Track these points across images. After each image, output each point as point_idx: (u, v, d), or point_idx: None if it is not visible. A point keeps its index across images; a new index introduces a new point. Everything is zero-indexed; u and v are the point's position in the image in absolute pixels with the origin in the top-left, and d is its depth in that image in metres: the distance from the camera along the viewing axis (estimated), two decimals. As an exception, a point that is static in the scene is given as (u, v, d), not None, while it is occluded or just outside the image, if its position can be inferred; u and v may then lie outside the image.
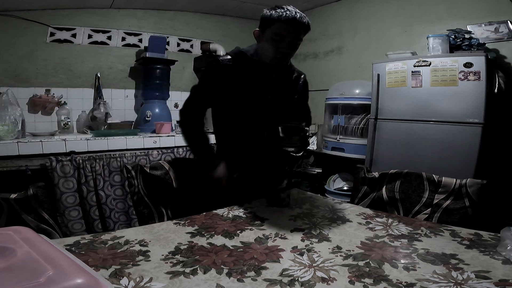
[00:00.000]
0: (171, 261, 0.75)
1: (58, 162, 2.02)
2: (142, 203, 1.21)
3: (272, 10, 1.15)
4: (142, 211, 1.20)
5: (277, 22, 1.13)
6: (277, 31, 1.13)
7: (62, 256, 0.53)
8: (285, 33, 1.13)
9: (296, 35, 1.16)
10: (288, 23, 1.12)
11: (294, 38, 1.16)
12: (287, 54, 1.20)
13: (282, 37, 1.14)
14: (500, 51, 2.14)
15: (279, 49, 1.16)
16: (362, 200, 1.39)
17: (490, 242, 0.87)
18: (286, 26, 1.13)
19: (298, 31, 1.16)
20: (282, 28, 1.13)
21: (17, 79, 2.53)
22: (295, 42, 1.18)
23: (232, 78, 1.21)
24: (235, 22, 3.64)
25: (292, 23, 1.13)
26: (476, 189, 1.17)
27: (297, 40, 1.18)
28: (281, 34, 1.13)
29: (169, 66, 3.00)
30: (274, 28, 1.14)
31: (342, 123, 2.65)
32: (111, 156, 2.21)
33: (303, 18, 1.15)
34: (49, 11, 2.61)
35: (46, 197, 1.04)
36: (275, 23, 1.13)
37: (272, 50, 1.16)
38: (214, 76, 1.22)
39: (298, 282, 0.66)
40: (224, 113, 1.29)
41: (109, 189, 2.20)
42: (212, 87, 1.24)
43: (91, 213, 2.13)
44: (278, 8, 1.14)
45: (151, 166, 1.29)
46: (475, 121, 1.85)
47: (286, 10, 1.13)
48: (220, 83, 1.22)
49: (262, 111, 1.27)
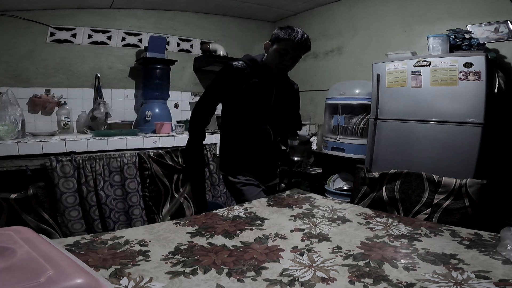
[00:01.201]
0: (171, 261, 0.75)
1: (58, 162, 2.02)
2: (153, 183, 1.45)
3: (284, 29, 1.37)
4: (153, 189, 1.44)
5: (286, 40, 1.35)
6: (284, 46, 1.37)
7: (62, 256, 0.53)
8: (290, 49, 1.37)
9: (298, 52, 1.39)
10: (294, 42, 1.35)
11: (296, 55, 1.40)
12: (288, 66, 1.43)
13: (286, 52, 1.37)
14: (500, 51, 2.14)
15: (283, 62, 1.40)
16: (362, 200, 1.39)
17: (490, 242, 0.87)
18: (292, 44, 1.35)
19: (300, 49, 1.39)
20: (288, 45, 1.36)
21: (17, 79, 2.53)
22: (296, 58, 1.42)
23: (245, 81, 1.42)
24: (235, 22, 3.64)
25: (298, 42, 1.35)
26: (476, 189, 1.16)
27: (298, 57, 1.42)
28: (287, 49, 1.37)
29: (169, 66, 3.00)
30: (282, 44, 1.37)
31: (342, 123, 2.65)
32: (111, 156, 2.21)
33: (307, 41, 1.39)
34: (49, 11, 2.62)
35: (46, 197, 1.04)
36: (284, 40, 1.36)
37: (277, 61, 1.40)
38: (230, 78, 1.43)
39: (298, 282, 0.66)
40: (235, 111, 1.49)
41: (109, 189, 2.20)
42: (228, 89, 1.45)
43: (91, 213, 2.13)
44: (290, 28, 1.37)
45: (155, 154, 1.54)
46: (475, 121, 1.85)
47: (296, 32, 1.35)
48: (235, 85, 1.42)
49: (267, 111, 1.50)
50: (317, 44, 3.43)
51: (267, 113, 1.51)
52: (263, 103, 1.48)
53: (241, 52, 3.61)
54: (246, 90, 1.43)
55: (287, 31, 1.36)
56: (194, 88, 3.44)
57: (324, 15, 3.34)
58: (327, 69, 3.34)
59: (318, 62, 3.44)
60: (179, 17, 3.29)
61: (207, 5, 3.21)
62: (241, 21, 3.67)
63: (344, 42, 3.17)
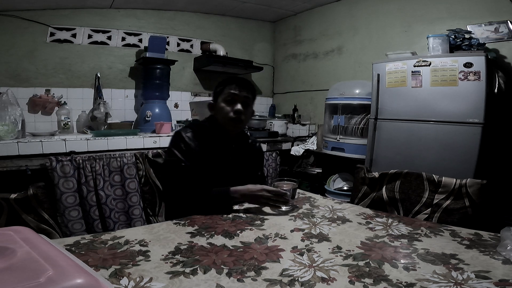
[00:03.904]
0: (171, 261, 0.75)
1: (58, 162, 2.02)
2: (147, 183, 1.46)
3: (220, 82, 1.31)
4: (148, 190, 1.45)
5: (225, 85, 1.28)
6: (227, 91, 1.26)
7: (62, 256, 0.53)
8: (234, 90, 1.26)
9: (244, 92, 1.28)
10: (234, 82, 1.28)
11: (244, 96, 1.27)
12: (241, 112, 1.26)
13: (233, 96, 1.26)
14: (500, 51, 2.14)
15: (234, 108, 1.26)
16: (362, 200, 1.39)
17: (490, 242, 0.87)
18: (234, 85, 1.27)
19: (245, 88, 1.28)
20: (231, 88, 1.26)
21: (17, 79, 2.53)
22: (246, 100, 1.28)
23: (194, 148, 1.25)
24: (235, 22, 3.64)
25: (237, 81, 1.29)
26: (476, 189, 1.17)
27: (247, 98, 1.29)
28: (231, 93, 1.26)
29: (169, 66, 3.00)
30: (224, 92, 1.28)
31: (342, 123, 2.65)
32: (111, 156, 2.21)
33: (245, 78, 1.35)
34: (49, 11, 2.62)
35: (46, 197, 1.04)
36: (224, 87, 1.28)
37: (227, 111, 1.26)
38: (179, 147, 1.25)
39: (298, 282, 0.66)
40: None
41: (109, 189, 2.20)
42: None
43: (91, 213, 2.13)
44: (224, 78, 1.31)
45: (153, 154, 1.53)
46: (475, 121, 1.85)
47: (229, 76, 1.31)
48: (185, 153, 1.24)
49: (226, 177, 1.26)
50: (317, 44, 3.43)
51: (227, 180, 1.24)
52: (220, 171, 1.28)
53: (241, 52, 3.63)
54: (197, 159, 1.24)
55: (223, 79, 1.31)
56: (194, 88, 3.44)
57: (324, 15, 3.34)
58: (327, 69, 3.34)
59: (318, 62, 3.44)
60: (179, 17, 3.29)
61: (207, 5, 3.22)
62: (241, 21, 3.67)
63: (344, 42, 3.17)
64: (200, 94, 3.46)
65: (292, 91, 3.71)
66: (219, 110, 1.29)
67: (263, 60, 3.83)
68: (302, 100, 3.58)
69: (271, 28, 3.96)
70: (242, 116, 1.28)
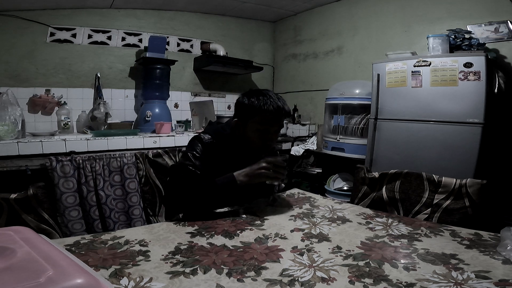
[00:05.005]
0: (171, 261, 0.75)
1: (58, 162, 2.02)
2: (148, 183, 1.46)
3: (253, 99, 1.10)
4: (148, 190, 1.45)
5: (262, 112, 1.09)
6: (262, 121, 1.10)
7: (62, 256, 0.53)
8: (272, 122, 1.11)
9: (281, 122, 1.15)
10: (273, 113, 1.09)
11: (279, 126, 1.15)
12: (272, 142, 1.18)
13: (267, 128, 1.12)
14: (500, 51, 2.14)
15: (266, 141, 1.14)
16: (362, 200, 1.39)
17: (490, 242, 0.87)
18: (272, 116, 1.10)
19: (282, 118, 1.15)
20: (268, 119, 1.10)
21: (17, 79, 2.53)
22: (279, 130, 1.17)
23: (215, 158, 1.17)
24: (235, 22, 3.64)
25: (278, 112, 1.10)
26: (476, 189, 1.16)
27: (281, 127, 1.17)
28: (267, 124, 1.11)
29: (169, 66, 3.00)
30: (258, 119, 1.11)
31: (342, 123, 2.65)
32: (111, 156, 2.21)
33: (285, 105, 1.14)
34: (49, 11, 2.62)
35: (46, 197, 1.04)
36: (259, 113, 1.10)
37: (258, 142, 1.14)
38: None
39: (298, 282, 0.66)
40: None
41: (109, 189, 2.20)
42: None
43: (91, 213, 2.13)
44: (261, 96, 1.11)
45: (153, 154, 1.53)
46: (475, 121, 1.85)
47: (270, 98, 1.09)
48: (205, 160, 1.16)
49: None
50: (317, 44, 3.43)
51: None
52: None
53: (241, 52, 3.63)
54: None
55: (260, 99, 1.09)
56: (194, 88, 3.44)
57: (324, 15, 3.34)
58: (327, 69, 3.34)
59: (318, 62, 3.44)
60: (179, 17, 3.29)
61: (207, 5, 3.21)
62: (241, 21, 3.67)
63: (344, 42, 3.17)
64: (200, 94, 3.47)
65: (292, 91, 3.71)
66: (248, 135, 1.16)
67: (263, 60, 3.83)
68: (302, 100, 3.58)
69: (271, 28, 3.96)
70: (272, 145, 1.19)
